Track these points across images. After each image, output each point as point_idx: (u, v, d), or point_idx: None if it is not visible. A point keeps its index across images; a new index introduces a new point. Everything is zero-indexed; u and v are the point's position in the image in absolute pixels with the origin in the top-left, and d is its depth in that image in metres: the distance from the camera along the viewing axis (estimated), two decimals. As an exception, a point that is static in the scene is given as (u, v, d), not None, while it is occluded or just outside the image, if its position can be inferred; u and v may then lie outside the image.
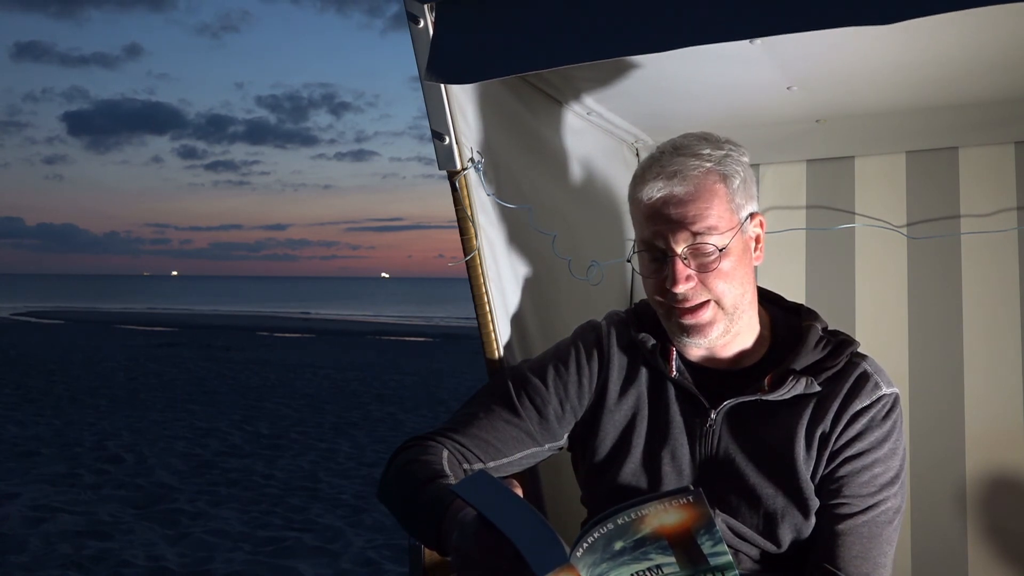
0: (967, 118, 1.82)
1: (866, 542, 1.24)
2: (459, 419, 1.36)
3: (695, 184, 1.25)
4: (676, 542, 0.96)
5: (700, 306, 1.27)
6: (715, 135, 1.32)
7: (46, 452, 6.39)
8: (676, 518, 0.95)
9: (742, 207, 1.29)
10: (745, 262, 1.29)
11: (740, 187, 1.28)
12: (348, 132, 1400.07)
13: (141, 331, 21.29)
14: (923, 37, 1.38)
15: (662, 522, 0.94)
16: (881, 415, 1.27)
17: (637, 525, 0.94)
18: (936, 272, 1.89)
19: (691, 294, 1.26)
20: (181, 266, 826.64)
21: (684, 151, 1.28)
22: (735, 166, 1.29)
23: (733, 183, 1.27)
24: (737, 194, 1.28)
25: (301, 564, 4.03)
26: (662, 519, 0.94)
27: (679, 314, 1.28)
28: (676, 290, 1.25)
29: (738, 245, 1.28)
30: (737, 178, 1.28)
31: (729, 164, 1.28)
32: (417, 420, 8.23)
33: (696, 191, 1.25)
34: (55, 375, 11.12)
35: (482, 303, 1.49)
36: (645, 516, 0.94)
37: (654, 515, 0.94)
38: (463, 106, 1.45)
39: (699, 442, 1.31)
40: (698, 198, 1.24)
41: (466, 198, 1.46)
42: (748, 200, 1.30)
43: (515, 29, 1.27)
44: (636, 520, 0.93)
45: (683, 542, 0.96)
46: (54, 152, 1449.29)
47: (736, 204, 1.28)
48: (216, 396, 9.61)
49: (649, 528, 0.94)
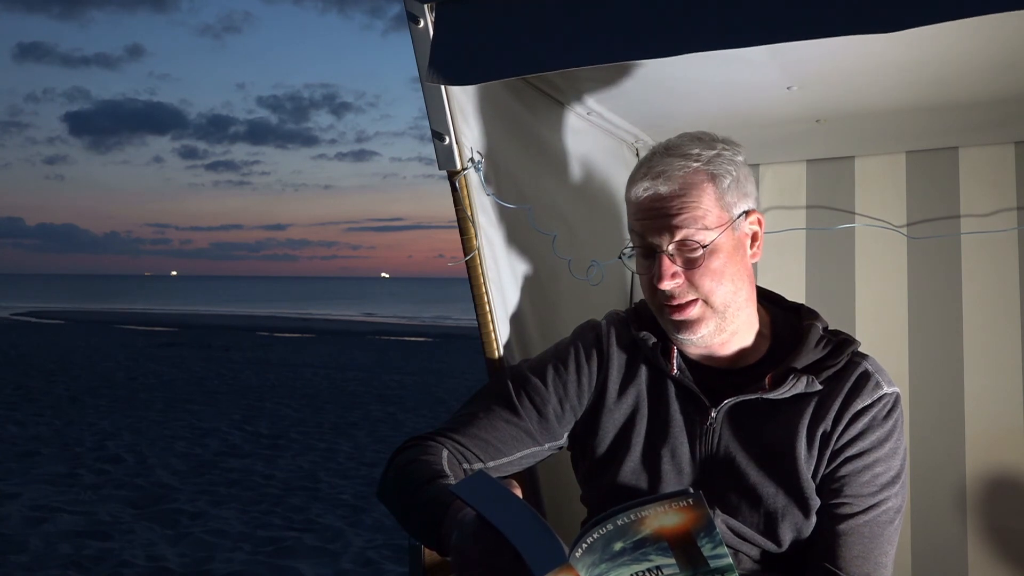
0: (967, 118, 1.82)
1: (867, 542, 1.24)
2: (459, 419, 1.36)
3: (679, 183, 1.26)
4: (676, 544, 0.96)
5: (688, 303, 1.27)
6: (711, 135, 1.32)
7: (46, 452, 6.39)
8: (676, 520, 0.95)
9: (734, 205, 1.28)
10: (737, 260, 1.29)
11: (731, 186, 1.28)
12: (349, 132, 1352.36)
13: (141, 331, 21.29)
14: (923, 37, 1.38)
15: (662, 524, 0.94)
16: (882, 415, 1.27)
17: (637, 526, 0.93)
18: (936, 272, 1.89)
19: (678, 291, 1.26)
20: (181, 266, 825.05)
21: (673, 151, 1.29)
22: (726, 165, 1.28)
23: (723, 182, 1.27)
24: (728, 192, 1.27)
25: (301, 564, 4.03)
26: (662, 521, 0.94)
27: (668, 311, 1.29)
28: (662, 286, 1.26)
29: (728, 243, 1.27)
30: (728, 177, 1.28)
31: (719, 163, 1.28)
32: (417, 420, 8.23)
33: (680, 189, 1.25)
34: (55, 375, 11.12)
35: (482, 303, 1.49)
36: (645, 517, 0.94)
37: (654, 516, 0.94)
38: (463, 106, 1.44)
39: (699, 441, 1.31)
40: (683, 195, 1.25)
41: (466, 198, 1.46)
42: (742, 198, 1.30)
43: (515, 30, 1.26)
44: (636, 521, 0.93)
45: (683, 544, 0.96)
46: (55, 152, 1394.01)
47: (726, 202, 1.27)
48: (216, 396, 9.61)
49: (649, 529, 0.94)
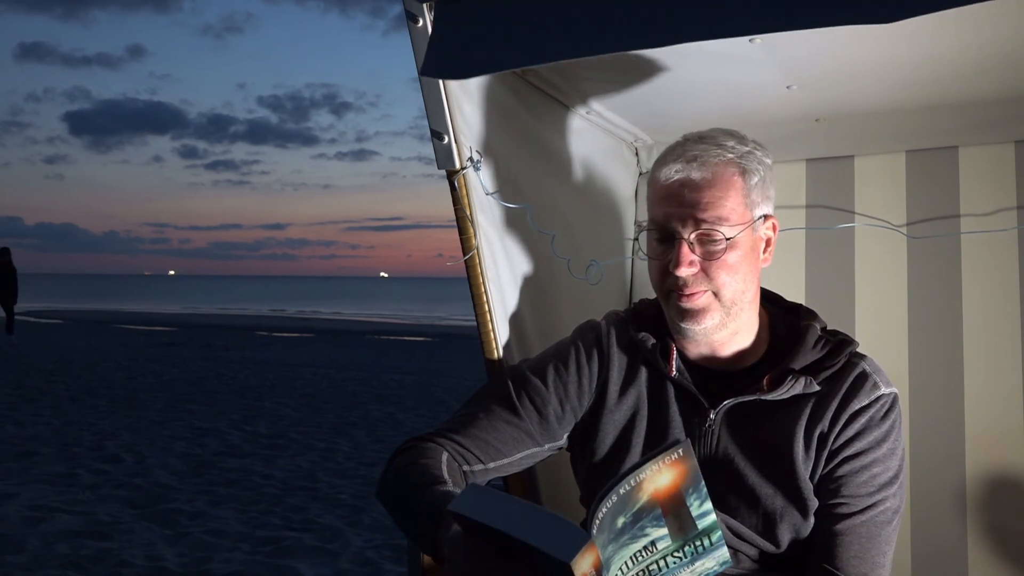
0: (967, 117, 1.82)
1: (865, 542, 1.24)
2: (459, 419, 1.36)
3: (713, 172, 1.26)
4: (668, 509, 1.01)
5: (698, 292, 1.27)
6: (742, 134, 1.33)
7: (45, 452, 6.38)
8: (669, 479, 1.00)
9: (757, 204, 1.29)
10: (751, 260, 1.30)
11: (758, 185, 1.29)
12: (349, 132, 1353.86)
13: (140, 331, 21.27)
14: (923, 36, 1.38)
15: (657, 486, 0.99)
16: (880, 415, 1.27)
17: (636, 493, 0.97)
18: (936, 272, 1.89)
19: (691, 280, 1.26)
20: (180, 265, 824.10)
21: (708, 140, 1.29)
22: (756, 164, 1.29)
23: (752, 179, 1.28)
24: (754, 191, 1.29)
25: (300, 564, 4.02)
26: (657, 482, 0.99)
27: (676, 296, 1.28)
28: (678, 273, 1.25)
29: (747, 241, 1.28)
30: (756, 176, 1.29)
31: (751, 160, 1.29)
32: (416, 420, 8.22)
33: (713, 178, 1.26)
34: (54, 375, 11.10)
35: (481, 303, 1.48)
36: (642, 481, 0.98)
37: (650, 479, 0.99)
38: (462, 105, 1.44)
39: (698, 442, 1.31)
40: (714, 186, 1.25)
41: (465, 197, 1.45)
42: (764, 200, 1.31)
43: (512, 25, 1.26)
44: (635, 488, 0.97)
45: (675, 506, 1.01)
46: (55, 152, 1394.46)
47: (751, 200, 1.28)
48: (215, 396, 9.60)
49: (646, 495, 0.98)
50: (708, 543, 1.06)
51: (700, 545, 1.06)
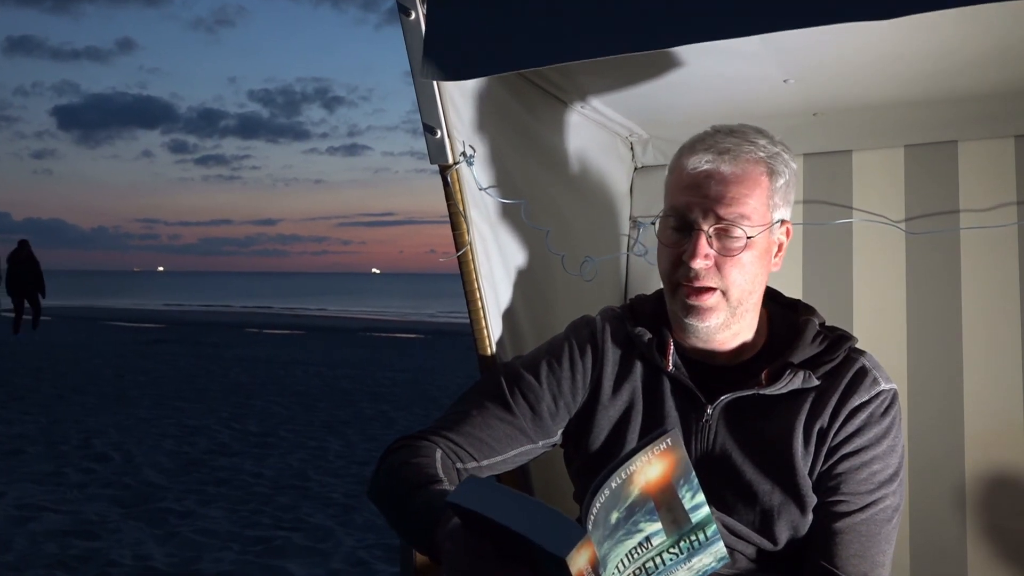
0: (966, 112, 1.81)
1: (864, 540, 1.23)
2: (452, 417, 1.34)
3: (742, 167, 1.25)
4: (661, 502, 1.00)
5: (706, 290, 1.25)
6: (771, 133, 1.32)
7: (32, 450, 6.33)
8: (659, 470, 0.99)
9: (778, 207, 1.29)
10: (763, 262, 1.29)
11: (782, 187, 1.28)
12: (341, 126, 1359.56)
13: (129, 327, 21.16)
14: (922, 30, 1.37)
15: (647, 478, 0.98)
16: (880, 411, 1.26)
17: (628, 487, 0.96)
18: (935, 267, 1.88)
19: (703, 274, 1.25)
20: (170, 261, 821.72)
21: (739, 135, 1.28)
22: (783, 166, 1.29)
23: (778, 181, 1.27)
24: (777, 193, 1.28)
25: (291, 564, 3.99)
26: (647, 474, 0.98)
27: (685, 292, 1.27)
28: (693, 264, 1.24)
29: (763, 243, 1.27)
30: (782, 178, 1.28)
31: (779, 161, 1.28)
32: (409, 418, 8.20)
33: (742, 175, 1.24)
34: (41, 372, 11.03)
35: (474, 299, 1.47)
36: (633, 473, 0.97)
37: (640, 470, 0.98)
38: (455, 100, 1.42)
39: (695, 437, 1.30)
40: (741, 182, 1.24)
41: (458, 192, 1.44)
42: (785, 204, 1.30)
43: (508, 24, 1.25)
44: (626, 480, 0.96)
45: (667, 499, 1.01)
46: (43, 146, 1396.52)
47: (774, 203, 1.28)
48: (205, 393, 9.55)
49: (637, 488, 0.98)
50: (704, 537, 1.05)
51: (696, 540, 1.05)
